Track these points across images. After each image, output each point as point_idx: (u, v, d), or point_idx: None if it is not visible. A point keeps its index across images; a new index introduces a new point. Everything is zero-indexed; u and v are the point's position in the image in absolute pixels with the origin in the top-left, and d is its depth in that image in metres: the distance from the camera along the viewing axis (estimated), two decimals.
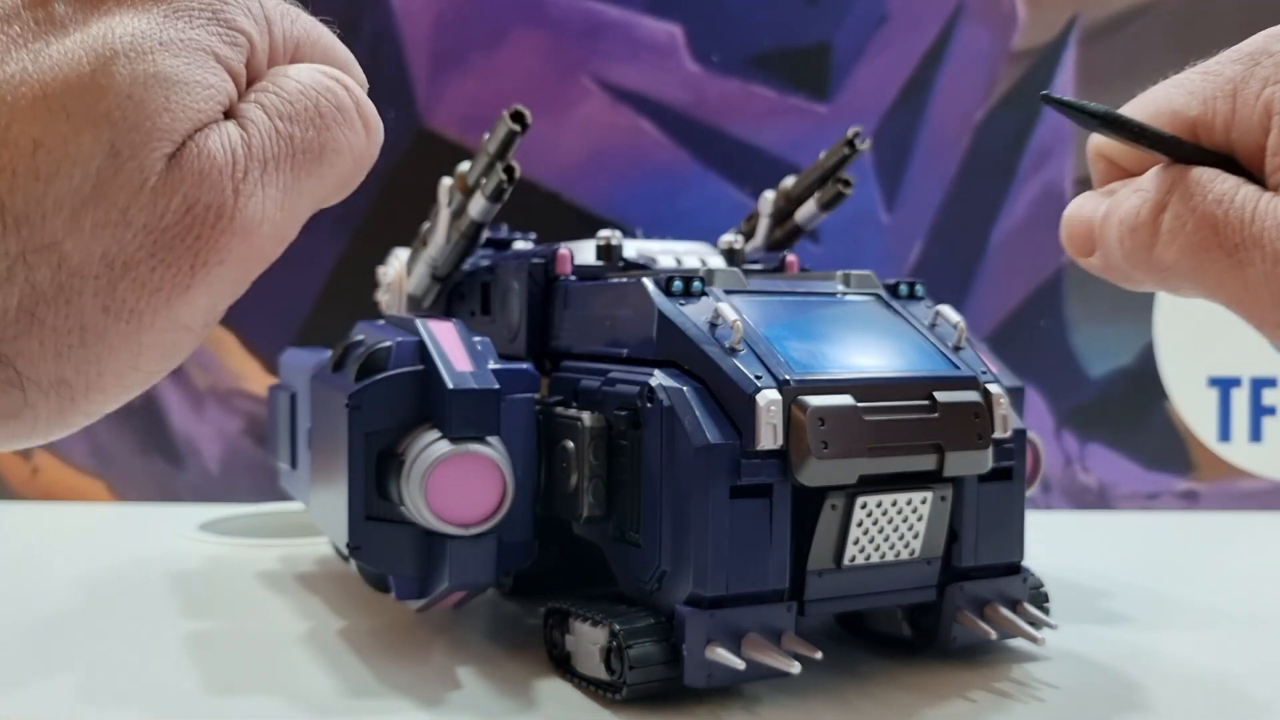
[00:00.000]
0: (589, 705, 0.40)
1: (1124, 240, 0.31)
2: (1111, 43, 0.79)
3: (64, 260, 0.24)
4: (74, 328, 0.24)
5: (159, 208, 0.24)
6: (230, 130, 0.25)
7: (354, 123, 0.27)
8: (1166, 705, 0.40)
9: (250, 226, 0.25)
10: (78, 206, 0.23)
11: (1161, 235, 0.30)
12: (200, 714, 0.39)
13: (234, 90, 0.25)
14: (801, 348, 0.40)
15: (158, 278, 0.24)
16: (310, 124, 0.26)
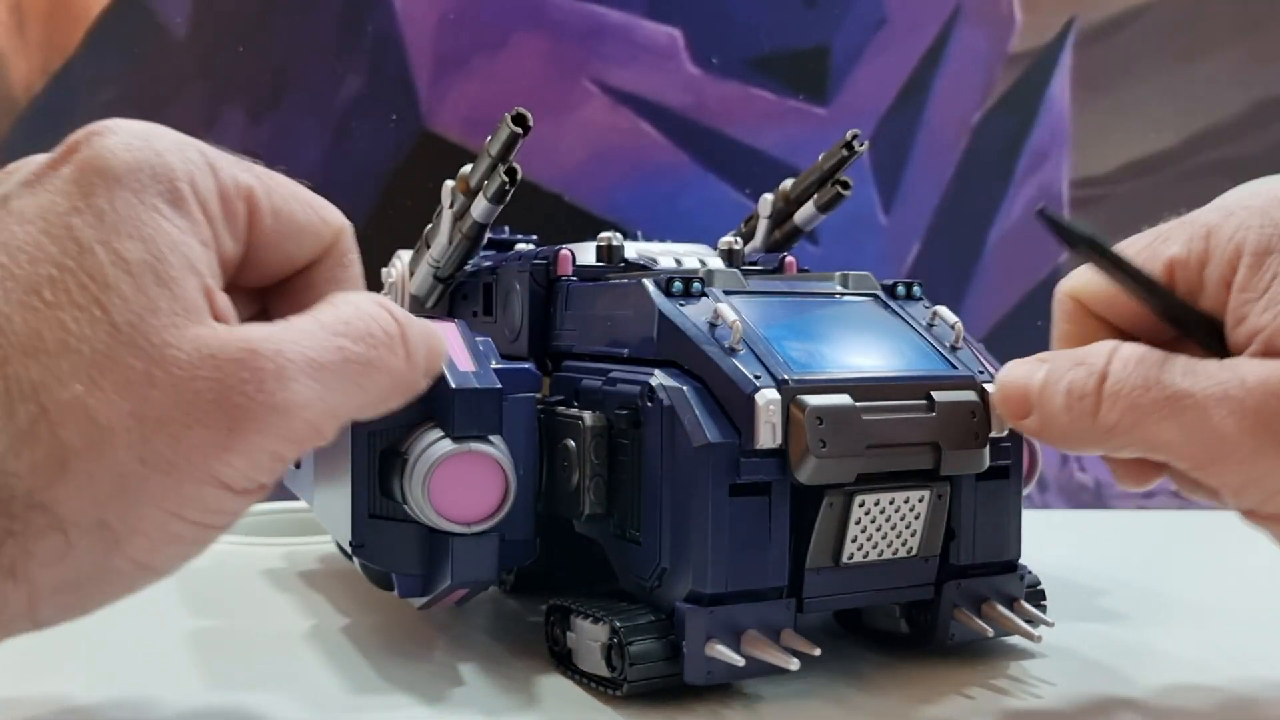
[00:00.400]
0: (590, 702, 0.40)
1: (1072, 408, 0.35)
2: (1108, 45, 0.80)
3: (91, 417, 0.25)
4: (110, 475, 0.26)
5: (186, 371, 0.26)
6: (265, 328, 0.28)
7: (397, 349, 0.32)
8: (1162, 703, 0.40)
9: (291, 408, 0.28)
10: (94, 372, 0.26)
11: (1104, 400, 0.34)
12: (202, 709, 0.40)
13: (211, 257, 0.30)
14: (800, 348, 0.40)
15: (193, 435, 0.26)
16: (361, 341, 0.31)
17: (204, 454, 0.27)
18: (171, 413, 0.26)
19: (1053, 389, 0.36)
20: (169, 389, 0.26)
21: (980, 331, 0.79)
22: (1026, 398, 0.37)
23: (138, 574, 0.29)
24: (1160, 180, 0.80)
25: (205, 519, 0.28)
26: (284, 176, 0.33)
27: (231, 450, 0.27)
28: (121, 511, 0.27)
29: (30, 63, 0.78)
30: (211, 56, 0.78)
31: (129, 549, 0.27)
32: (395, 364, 0.32)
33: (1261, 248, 0.36)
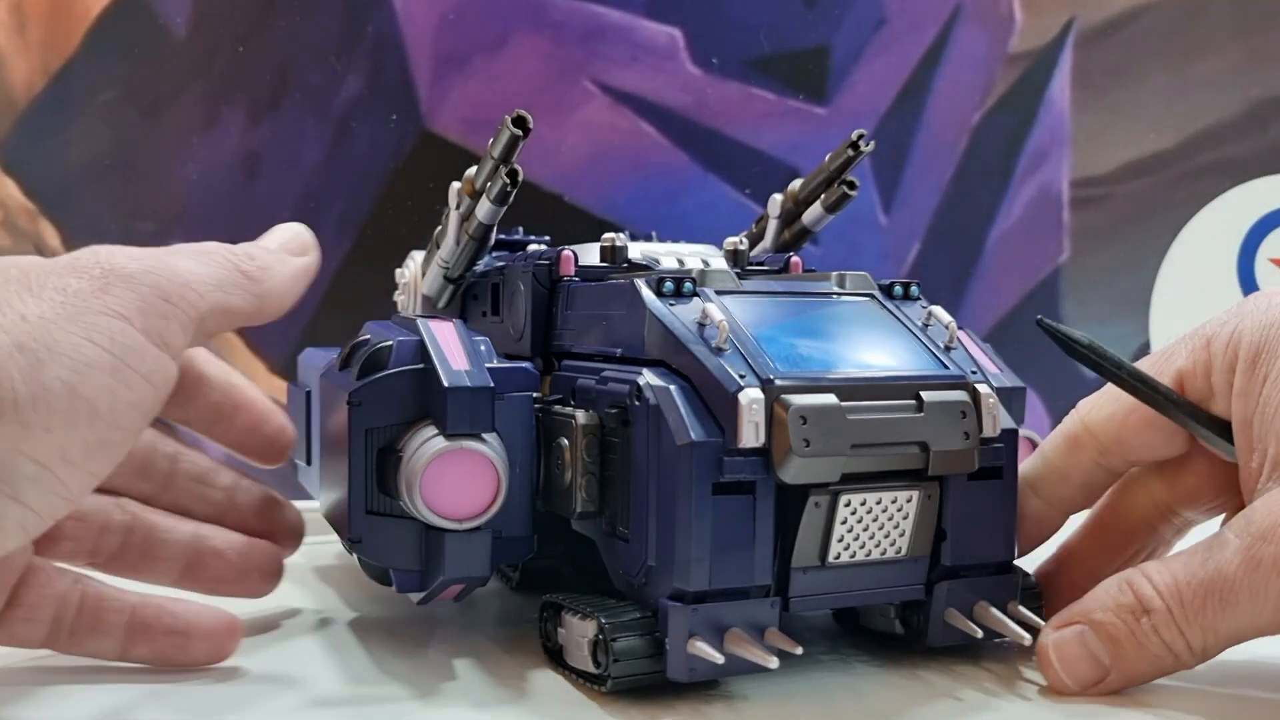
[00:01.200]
0: (578, 698, 0.40)
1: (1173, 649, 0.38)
2: (1108, 46, 0.80)
3: None
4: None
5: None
6: None
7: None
8: (1158, 703, 0.40)
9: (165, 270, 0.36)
10: None
11: (1190, 634, 0.38)
12: (199, 701, 0.40)
13: None
14: (789, 347, 0.40)
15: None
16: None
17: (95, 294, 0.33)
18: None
19: (1137, 642, 0.38)
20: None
21: (980, 331, 0.79)
22: (1096, 661, 0.39)
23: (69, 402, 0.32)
24: (1160, 180, 0.80)
25: (114, 348, 0.32)
26: None
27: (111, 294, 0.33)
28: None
29: (30, 63, 0.79)
30: (211, 56, 0.79)
31: (55, 368, 0.31)
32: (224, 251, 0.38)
33: (1254, 350, 0.38)
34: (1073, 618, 0.40)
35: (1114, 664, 0.39)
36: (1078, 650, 0.39)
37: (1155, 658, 0.38)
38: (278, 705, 0.40)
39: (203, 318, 0.36)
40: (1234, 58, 0.79)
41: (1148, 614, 0.38)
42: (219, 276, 0.36)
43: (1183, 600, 0.37)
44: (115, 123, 0.79)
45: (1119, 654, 0.39)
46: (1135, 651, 0.38)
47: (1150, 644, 0.38)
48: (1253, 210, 0.79)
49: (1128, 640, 0.38)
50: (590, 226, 0.78)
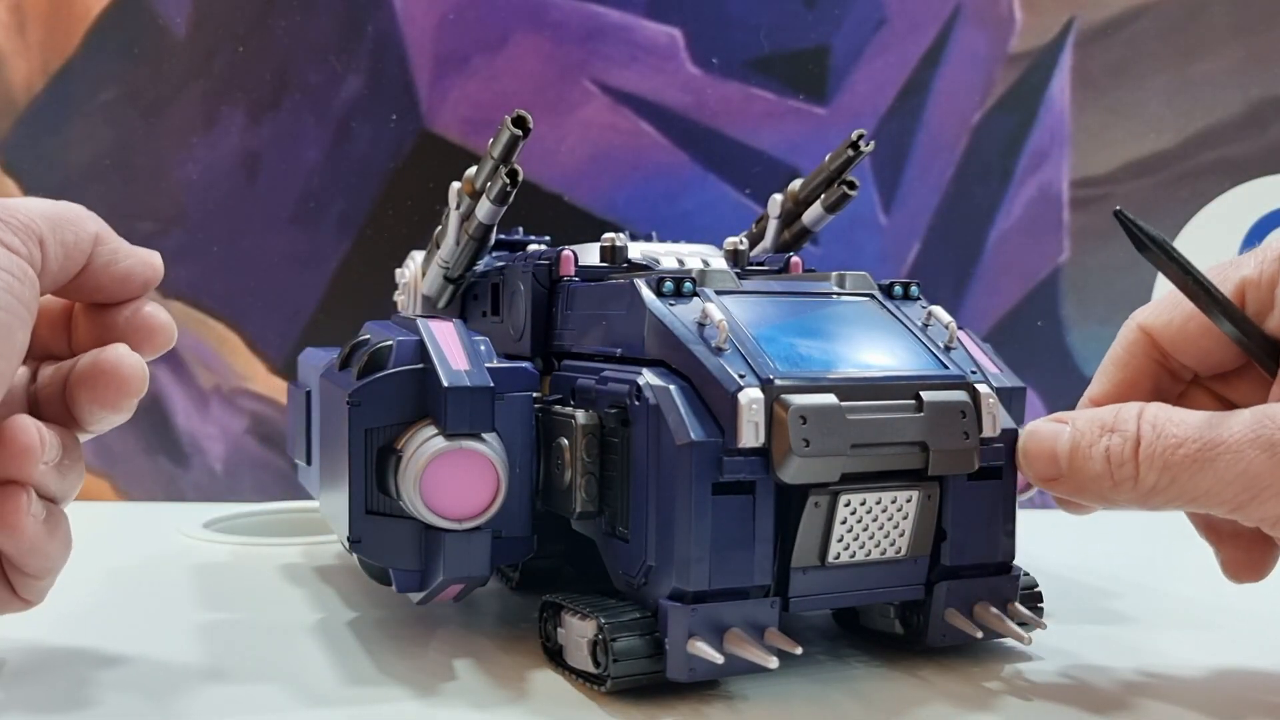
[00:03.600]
0: (577, 698, 0.40)
1: (1113, 474, 0.38)
2: (1108, 45, 0.80)
3: None
4: None
5: None
6: None
7: None
8: (1158, 704, 0.40)
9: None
10: None
11: (1141, 464, 0.37)
12: (199, 699, 0.40)
13: None
14: (789, 347, 0.40)
15: None
16: None
17: None
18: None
19: (1085, 454, 0.39)
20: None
21: (980, 331, 0.79)
22: (1055, 460, 0.40)
23: None
24: (1160, 180, 0.80)
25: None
26: None
27: None
28: None
29: (30, 63, 0.79)
30: (211, 56, 0.79)
31: None
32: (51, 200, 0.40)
33: None
34: (1063, 417, 0.40)
35: (1068, 468, 0.39)
36: (1046, 446, 0.40)
37: (1096, 475, 0.38)
38: (278, 705, 0.40)
39: (42, 237, 0.38)
40: (1234, 58, 0.79)
41: (1113, 433, 0.38)
42: (47, 209, 0.39)
43: (1159, 436, 0.37)
44: (115, 123, 0.79)
45: (1073, 460, 0.39)
46: (1084, 463, 0.39)
47: (1095, 460, 0.38)
48: (1253, 210, 0.79)
49: (1083, 450, 0.39)
50: (590, 226, 0.78)
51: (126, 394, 0.40)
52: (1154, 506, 0.38)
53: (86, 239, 0.40)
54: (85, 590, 0.56)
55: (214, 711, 0.39)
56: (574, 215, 0.79)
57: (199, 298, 0.79)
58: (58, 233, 0.39)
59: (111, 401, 0.40)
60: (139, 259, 0.42)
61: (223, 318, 0.80)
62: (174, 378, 0.80)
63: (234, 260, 0.79)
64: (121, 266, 0.41)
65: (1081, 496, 0.40)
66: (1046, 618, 0.47)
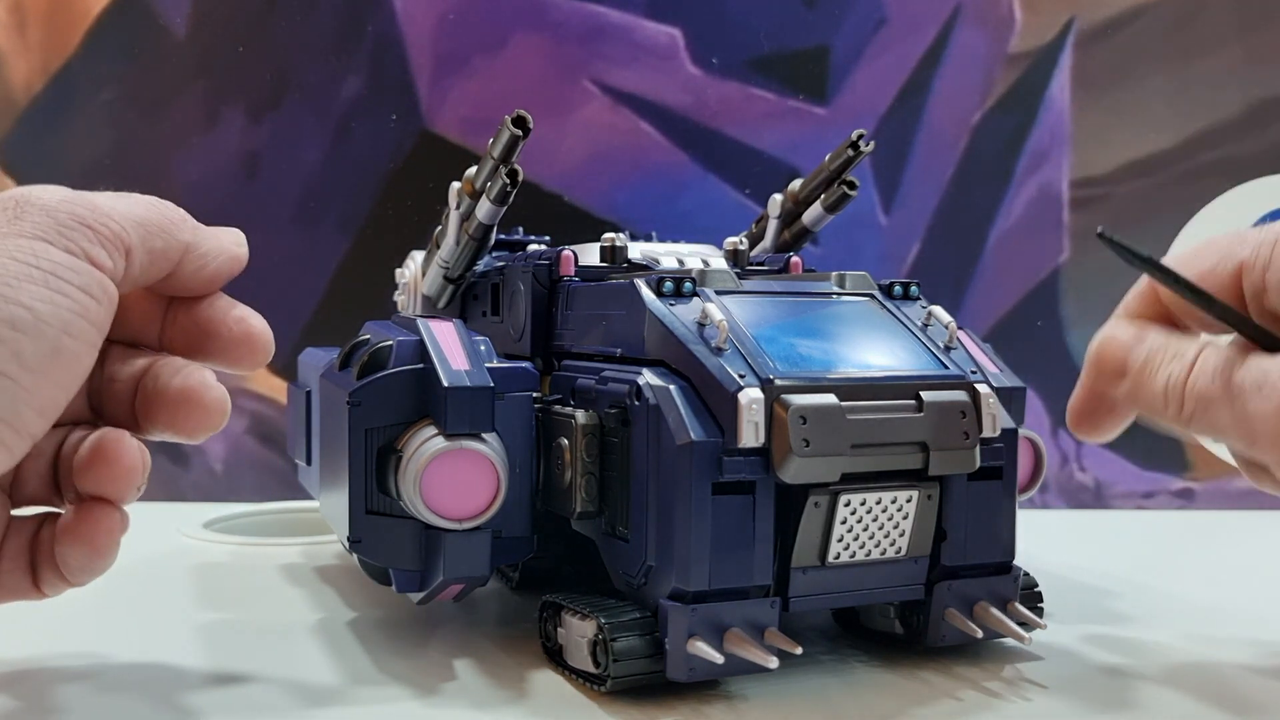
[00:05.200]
0: (577, 698, 0.40)
1: (1167, 396, 0.40)
2: (1108, 46, 0.80)
3: None
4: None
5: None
6: None
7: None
8: (1158, 705, 0.40)
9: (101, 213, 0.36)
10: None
11: (1186, 395, 0.39)
12: (199, 699, 0.40)
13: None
14: (789, 347, 0.40)
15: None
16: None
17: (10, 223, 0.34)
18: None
19: (1152, 374, 0.41)
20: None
21: (980, 331, 0.79)
22: (1124, 368, 0.42)
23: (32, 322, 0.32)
24: (1160, 180, 0.80)
25: (39, 263, 0.33)
26: None
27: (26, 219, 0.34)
28: None
29: (30, 63, 0.79)
30: (211, 56, 0.79)
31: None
32: (149, 198, 0.39)
33: None
34: (1142, 330, 0.42)
35: (1133, 378, 0.41)
36: (1119, 354, 0.42)
37: (1152, 395, 0.40)
38: (278, 705, 0.40)
39: (130, 247, 0.36)
40: (1234, 58, 0.79)
41: (1175, 359, 0.40)
42: (140, 215, 0.37)
43: (1204, 368, 0.39)
44: (115, 123, 0.79)
45: (1140, 374, 0.41)
46: (1147, 380, 0.41)
47: (1156, 382, 0.40)
48: (1253, 210, 0.79)
49: (1150, 368, 0.41)
50: (590, 226, 0.78)
51: (206, 427, 0.40)
52: (1192, 431, 0.40)
53: (176, 248, 0.38)
54: (85, 590, 0.56)
55: (214, 711, 0.39)
56: (574, 215, 0.79)
57: None
58: (148, 241, 0.37)
59: (190, 430, 0.40)
60: (226, 256, 0.40)
61: None
62: None
63: None
64: (209, 270, 0.40)
65: (1135, 405, 0.42)
66: (1046, 618, 0.47)
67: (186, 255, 0.39)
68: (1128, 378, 0.41)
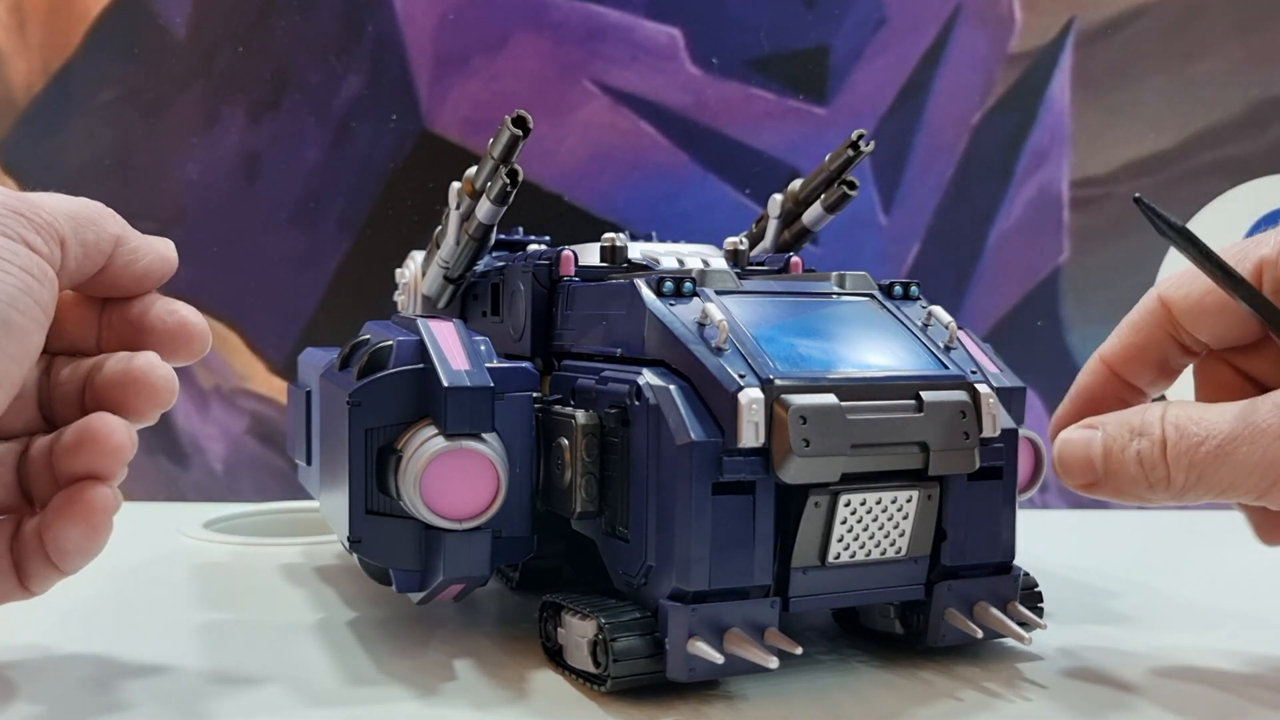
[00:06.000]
0: (577, 698, 0.40)
1: (1148, 477, 0.40)
2: (1108, 46, 0.80)
3: None
4: None
5: None
6: None
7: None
8: (1157, 705, 0.40)
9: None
10: None
11: (1171, 466, 0.39)
12: (199, 700, 0.40)
13: None
14: (789, 347, 0.40)
15: None
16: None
17: None
18: None
19: (1119, 459, 0.41)
20: None
21: (980, 331, 0.79)
22: (1091, 466, 0.42)
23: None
24: (1160, 180, 0.80)
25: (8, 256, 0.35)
26: None
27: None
28: None
29: (30, 63, 0.79)
30: (211, 56, 0.79)
31: None
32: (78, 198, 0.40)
33: None
34: (1092, 423, 0.42)
35: (1104, 473, 0.41)
36: (1081, 452, 0.42)
37: (1133, 478, 0.40)
38: (278, 705, 0.40)
39: (63, 237, 0.38)
40: (1234, 58, 0.79)
41: (1141, 437, 0.40)
42: (69, 208, 0.39)
43: (1182, 436, 0.39)
44: (115, 123, 0.79)
45: (1108, 465, 0.41)
46: (1119, 467, 0.41)
47: (1129, 464, 0.40)
48: (1253, 210, 0.79)
49: (1116, 455, 0.41)
50: (590, 226, 0.78)
51: (156, 404, 0.40)
52: (1188, 502, 0.40)
53: (108, 240, 0.40)
54: (85, 590, 0.56)
55: (214, 711, 0.39)
56: (574, 215, 0.79)
57: (199, 298, 0.79)
58: (79, 233, 0.38)
59: (140, 410, 0.40)
60: (156, 255, 0.42)
61: (223, 318, 0.80)
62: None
63: (234, 260, 0.79)
64: (140, 265, 0.41)
65: (1121, 498, 0.42)
66: (1046, 618, 0.47)
67: (117, 249, 0.40)
68: (1099, 475, 0.42)
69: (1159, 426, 0.40)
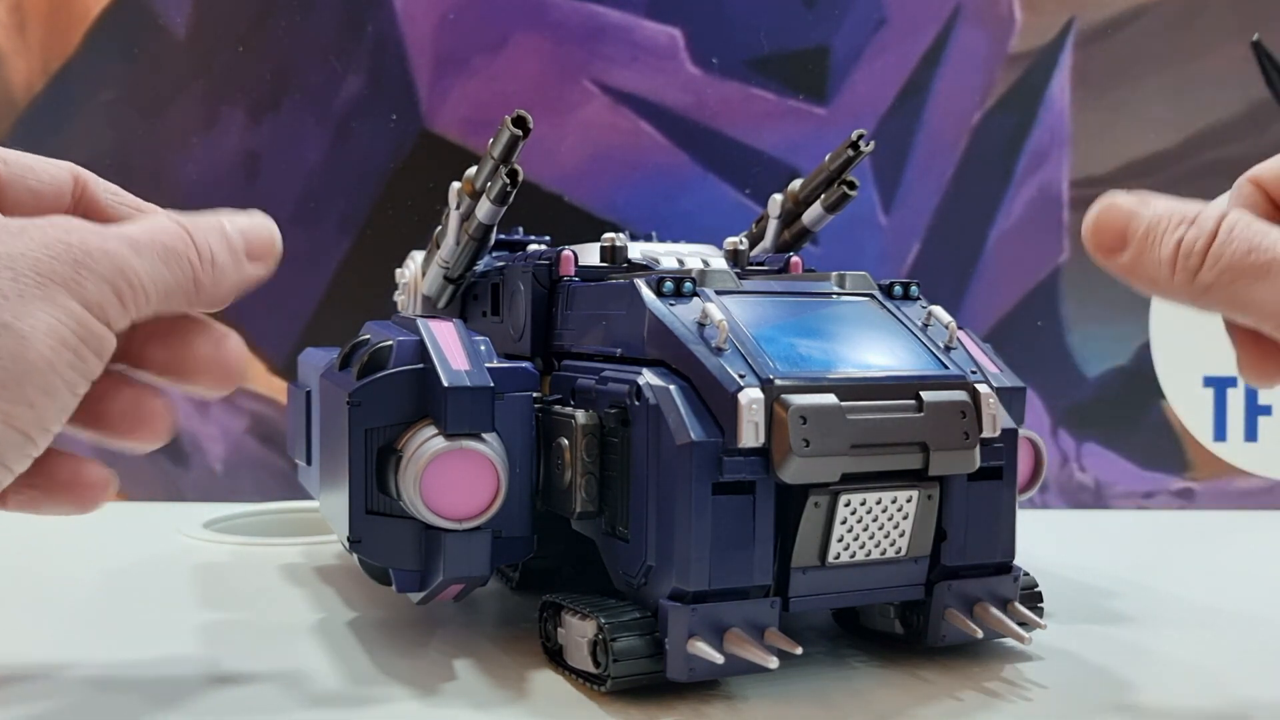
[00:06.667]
0: (577, 697, 0.40)
1: (1176, 263, 0.36)
2: (1108, 45, 0.80)
3: None
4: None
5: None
6: None
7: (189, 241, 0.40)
8: (1157, 704, 0.40)
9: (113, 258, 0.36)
10: None
11: (1206, 260, 0.36)
12: (198, 700, 0.40)
13: None
14: (789, 347, 0.40)
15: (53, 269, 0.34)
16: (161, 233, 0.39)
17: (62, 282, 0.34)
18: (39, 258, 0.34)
19: (1157, 239, 0.37)
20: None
21: (980, 331, 0.79)
22: (1125, 234, 0.37)
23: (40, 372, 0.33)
24: (1160, 180, 0.80)
25: (78, 330, 0.34)
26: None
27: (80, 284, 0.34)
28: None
29: (30, 63, 0.79)
30: (211, 56, 0.79)
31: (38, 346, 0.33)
32: (191, 258, 0.39)
33: None
34: (1146, 199, 0.38)
35: (1135, 246, 0.37)
36: (1120, 219, 0.38)
37: (1160, 261, 0.37)
38: (278, 705, 0.40)
39: (141, 314, 0.37)
40: (1234, 58, 0.79)
41: (1191, 225, 0.36)
42: (170, 285, 0.38)
43: (1233, 238, 0.36)
44: (115, 123, 0.79)
45: (1143, 240, 0.37)
46: (1151, 246, 0.37)
47: (1165, 247, 0.36)
48: None
49: (1155, 235, 0.37)
50: (590, 226, 0.78)
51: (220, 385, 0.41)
52: (1203, 305, 0.37)
53: (178, 310, 0.39)
54: (85, 590, 0.56)
55: (214, 711, 0.39)
56: (574, 215, 0.79)
57: None
58: (159, 309, 0.37)
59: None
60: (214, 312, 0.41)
61: (223, 318, 0.79)
62: None
63: None
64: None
65: (1134, 278, 0.38)
66: (1046, 618, 0.47)
67: (197, 302, 0.39)
68: (1128, 247, 0.37)
69: (1214, 223, 0.36)
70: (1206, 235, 0.36)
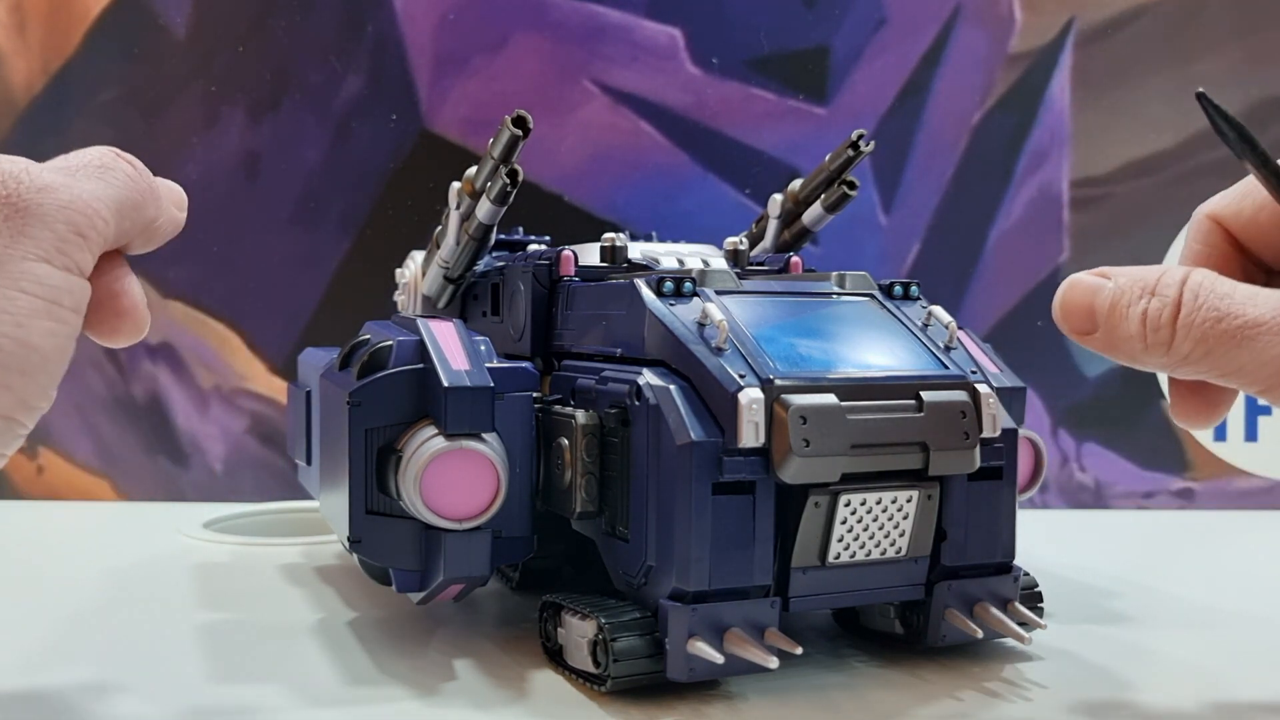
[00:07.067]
0: (577, 697, 0.40)
1: (1146, 337, 0.37)
2: (1108, 45, 0.80)
3: None
4: None
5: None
6: None
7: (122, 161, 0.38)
8: (1158, 704, 0.40)
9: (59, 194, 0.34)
10: None
11: (1178, 332, 0.36)
12: (198, 700, 0.40)
13: None
14: (789, 347, 0.40)
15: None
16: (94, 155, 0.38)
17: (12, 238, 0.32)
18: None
19: (1123, 313, 0.37)
20: None
21: (980, 331, 0.79)
22: (1092, 315, 0.38)
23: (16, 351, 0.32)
24: (1160, 180, 0.80)
25: (43, 292, 0.33)
26: None
27: (28, 236, 0.33)
28: None
29: (30, 63, 0.79)
30: (211, 56, 0.79)
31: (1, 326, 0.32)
32: (126, 168, 0.37)
33: None
34: (1106, 272, 0.39)
35: (1104, 326, 0.38)
36: (1084, 299, 0.38)
37: (1130, 336, 0.37)
38: (278, 705, 0.40)
39: (110, 239, 0.36)
40: (1234, 58, 0.79)
41: (1154, 296, 0.37)
42: (119, 198, 0.36)
43: (1199, 307, 0.36)
44: (115, 123, 0.79)
45: (1110, 319, 0.38)
46: (1119, 321, 0.37)
47: (1131, 321, 0.37)
48: None
49: (1120, 309, 0.37)
50: (590, 226, 0.78)
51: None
52: (1183, 374, 0.37)
53: (140, 224, 0.37)
54: (85, 590, 0.56)
55: (214, 711, 0.39)
56: (574, 215, 0.79)
57: (199, 298, 0.79)
58: (121, 224, 0.36)
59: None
60: (171, 225, 0.39)
61: (223, 318, 0.80)
62: (174, 378, 0.80)
63: (234, 260, 0.79)
64: (155, 240, 0.39)
65: (1112, 354, 0.38)
66: (1046, 618, 0.47)
67: (145, 229, 0.38)
68: (1099, 326, 0.38)
69: (1176, 290, 0.36)
70: (1171, 305, 0.36)
